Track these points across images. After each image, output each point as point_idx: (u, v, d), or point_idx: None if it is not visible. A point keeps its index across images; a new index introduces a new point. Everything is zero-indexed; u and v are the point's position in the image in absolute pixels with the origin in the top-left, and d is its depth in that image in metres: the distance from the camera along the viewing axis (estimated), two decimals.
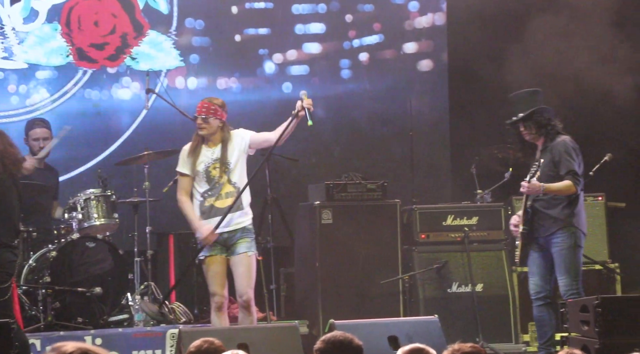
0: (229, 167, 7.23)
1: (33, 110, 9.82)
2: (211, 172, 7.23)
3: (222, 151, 7.23)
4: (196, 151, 7.30)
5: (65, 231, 8.46)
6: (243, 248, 7.15)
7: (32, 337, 7.51)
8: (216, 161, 7.23)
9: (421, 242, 8.82)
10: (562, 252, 7.34)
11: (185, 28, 10.20)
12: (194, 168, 7.26)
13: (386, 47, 10.54)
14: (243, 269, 7.14)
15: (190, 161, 7.28)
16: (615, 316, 6.31)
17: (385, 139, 10.40)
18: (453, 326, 8.19)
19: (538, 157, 7.47)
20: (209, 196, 7.22)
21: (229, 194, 7.22)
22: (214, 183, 7.22)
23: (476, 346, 3.90)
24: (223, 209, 7.16)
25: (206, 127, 7.29)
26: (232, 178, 7.23)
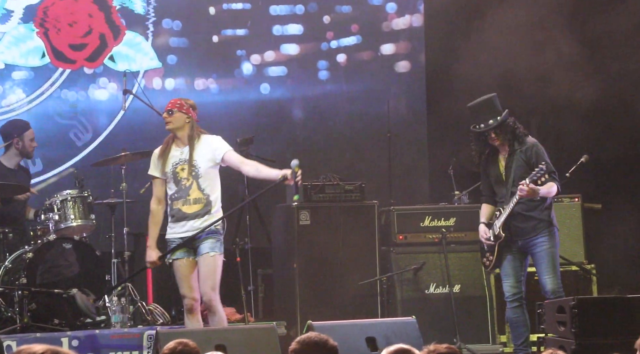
0: (197, 171, 7.06)
1: (9, 110, 9.77)
2: (178, 173, 7.09)
3: (190, 150, 7.09)
4: (165, 152, 7.16)
5: (41, 232, 8.42)
6: (206, 248, 7.01)
7: (8, 339, 7.47)
8: (183, 161, 7.08)
9: (399, 244, 8.84)
10: (548, 251, 7.37)
11: (162, 29, 10.17)
12: (164, 169, 7.14)
13: (364, 49, 10.55)
14: (204, 270, 7.01)
15: (160, 163, 7.16)
16: (592, 317, 6.35)
17: (363, 141, 10.41)
18: (431, 327, 8.20)
19: (506, 162, 7.45)
20: (176, 198, 7.08)
21: (198, 200, 7.05)
22: (180, 185, 7.07)
23: (452, 346, 3.92)
24: (190, 214, 7.04)
25: (171, 121, 7.15)
26: (201, 184, 7.07)
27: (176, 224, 7.09)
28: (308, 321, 6.42)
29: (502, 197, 7.50)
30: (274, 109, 10.35)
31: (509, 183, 7.42)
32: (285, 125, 10.38)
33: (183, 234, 7.04)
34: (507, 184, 7.43)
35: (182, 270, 7.08)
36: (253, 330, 6.76)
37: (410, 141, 10.46)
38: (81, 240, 8.33)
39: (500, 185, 7.50)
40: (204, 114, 10.04)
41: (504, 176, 7.48)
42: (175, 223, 7.09)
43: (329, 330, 5.97)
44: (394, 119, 9.96)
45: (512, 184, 7.39)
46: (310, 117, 10.42)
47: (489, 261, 7.56)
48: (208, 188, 7.07)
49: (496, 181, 7.52)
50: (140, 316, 8.39)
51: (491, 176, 7.57)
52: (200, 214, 7.04)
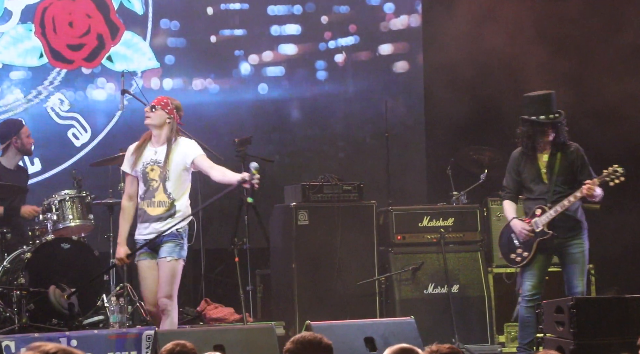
0: (166, 174, 6.96)
1: (7, 110, 9.77)
2: (148, 173, 6.99)
3: (166, 153, 6.96)
4: (140, 149, 7.05)
5: (40, 232, 8.42)
6: (164, 253, 6.92)
7: (6, 339, 7.46)
8: (154, 162, 6.98)
9: (397, 244, 8.84)
10: (583, 253, 7.39)
11: (160, 29, 10.17)
12: (134, 167, 7.03)
13: (362, 49, 10.55)
14: (161, 275, 6.91)
15: (133, 159, 7.05)
16: (590, 317, 6.36)
17: (361, 141, 10.41)
18: (429, 327, 8.20)
19: (548, 161, 7.41)
20: (142, 198, 6.99)
21: (162, 203, 6.96)
22: (149, 185, 6.97)
23: (454, 346, 3.92)
24: (153, 216, 6.95)
25: (151, 117, 7.02)
26: (168, 187, 6.97)
27: (141, 225, 7.02)
28: (306, 321, 6.43)
29: (541, 194, 7.42)
30: (272, 109, 10.35)
31: (551, 182, 7.38)
32: (283, 125, 10.38)
33: (146, 236, 6.97)
34: (550, 183, 7.38)
35: (143, 272, 7.01)
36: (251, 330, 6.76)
37: (408, 141, 10.47)
38: (79, 240, 8.33)
39: (539, 183, 7.43)
40: (202, 114, 10.09)
41: (544, 175, 7.42)
42: (141, 224, 7.02)
43: (327, 330, 5.98)
44: (391, 119, 9.95)
45: (555, 184, 7.36)
46: (308, 117, 10.43)
47: (521, 258, 7.42)
48: (175, 192, 6.96)
49: (533, 179, 7.45)
50: (138, 317, 8.39)
51: (526, 173, 7.47)
52: (163, 218, 6.94)
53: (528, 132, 7.42)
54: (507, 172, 7.62)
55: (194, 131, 8.90)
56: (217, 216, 9.85)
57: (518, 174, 7.53)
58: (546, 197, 7.42)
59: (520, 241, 7.43)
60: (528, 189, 7.51)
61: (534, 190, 7.48)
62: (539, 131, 7.40)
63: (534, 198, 7.48)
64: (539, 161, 7.46)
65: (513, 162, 7.57)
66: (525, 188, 7.53)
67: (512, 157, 7.59)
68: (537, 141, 7.41)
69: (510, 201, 7.57)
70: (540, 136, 7.40)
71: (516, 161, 7.54)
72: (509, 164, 7.61)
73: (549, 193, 7.41)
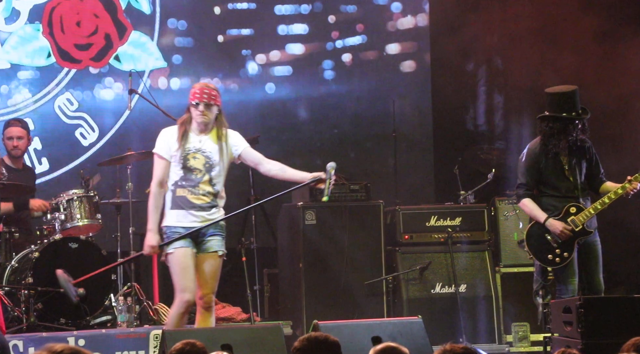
0: (212, 164, 6.68)
1: (15, 110, 9.78)
2: (189, 160, 6.66)
3: (215, 143, 6.69)
4: (183, 136, 6.69)
5: (47, 231, 8.43)
6: (215, 246, 6.66)
7: (14, 338, 7.49)
8: (199, 151, 6.68)
9: (404, 243, 8.84)
10: (601, 250, 7.33)
11: (168, 29, 10.18)
12: (173, 152, 6.69)
13: (369, 48, 10.55)
14: (210, 269, 6.64)
15: (172, 145, 6.70)
16: (598, 317, 6.34)
17: (369, 140, 10.41)
18: (437, 326, 8.20)
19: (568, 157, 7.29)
20: (181, 186, 6.66)
21: (207, 193, 6.65)
22: (190, 174, 6.65)
23: (467, 347, 3.92)
24: (197, 204, 6.66)
25: (208, 115, 6.69)
26: (213, 178, 6.68)
27: (179, 212, 6.65)
28: (314, 321, 6.42)
29: (569, 192, 7.29)
30: (279, 108, 10.35)
31: (576, 179, 7.29)
32: (290, 125, 10.38)
33: (188, 224, 6.64)
34: (575, 180, 7.29)
35: (186, 260, 6.59)
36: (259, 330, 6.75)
37: (415, 140, 10.46)
38: (87, 240, 8.34)
39: (563, 180, 7.30)
40: None
41: (567, 171, 7.32)
42: (178, 211, 6.66)
43: (334, 330, 5.98)
44: (399, 118, 9.96)
45: (580, 180, 7.30)
46: (316, 116, 10.43)
47: (561, 258, 7.22)
48: (219, 184, 6.73)
49: (557, 176, 7.31)
50: (146, 316, 8.40)
51: (549, 170, 7.31)
52: (206, 208, 6.68)
53: (554, 129, 7.25)
54: (526, 169, 7.34)
55: None
56: None
57: (539, 171, 7.31)
58: (575, 195, 7.28)
59: (559, 241, 7.22)
60: (552, 186, 7.31)
61: (560, 187, 7.30)
62: (565, 127, 7.23)
63: (562, 196, 7.30)
64: (561, 158, 7.31)
65: (533, 158, 7.32)
66: (548, 185, 7.32)
67: (532, 153, 7.35)
68: (563, 138, 7.25)
69: (531, 198, 7.32)
70: (565, 132, 7.24)
71: (537, 158, 7.31)
72: (528, 160, 7.35)
73: (578, 190, 7.30)
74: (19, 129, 8.77)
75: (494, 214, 9.01)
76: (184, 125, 6.75)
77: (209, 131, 6.75)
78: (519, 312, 8.77)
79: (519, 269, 8.88)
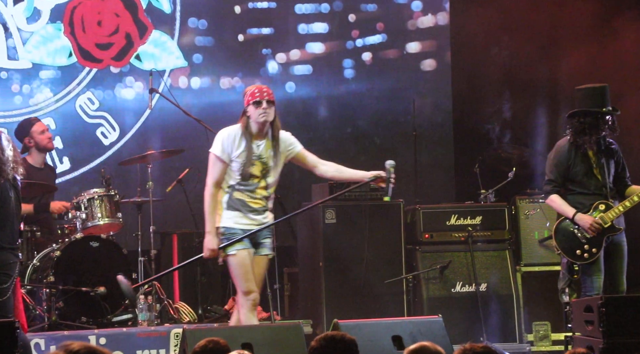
0: (269, 169, 6.68)
1: (36, 110, 9.83)
2: (248, 167, 6.63)
3: (271, 149, 6.67)
4: (246, 141, 6.64)
5: (69, 230, 8.47)
6: (267, 249, 6.76)
7: (36, 337, 7.52)
8: (258, 158, 6.65)
9: (425, 242, 8.82)
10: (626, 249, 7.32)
11: (188, 28, 10.20)
12: (232, 156, 6.64)
13: (389, 47, 10.54)
14: (260, 271, 6.73)
15: (233, 148, 6.63)
16: (620, 316, 6.31)
17: (389, 139, 10.39)
18: (457, 325, 8.18)
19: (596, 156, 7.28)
20: (237, 189, 6.65)
21: (263, 197, 6.70)
22: (248, 178, 6.64)
23: (488, 346, 3.91)
24: (255, 208, 6.65)
25: (270, 113, 6.64)
26: (268, 182, 6.70)
27: (236, 214, 6.65)
28: (334, 320, 6.42)
29: (597, 189, 7.28)
30: (300, 107, 10.36)
31: (604, 177, 7.27)
32: (310, 123, 10.38)
33: (245, 226, 6.64)
34: (603, 178, 7.27)
35: (249, 263, 6.64)
36: (279, 328, 6.75)
37: (435, 139, 10.45)
38: (108, 238, 8.37)
39: (591, 177, 7.29)
40: (229, 113, 10.08)
41: (596, 169, 7.29)
42: (236, 212, 6.65)
43: (354, 329, 5.97)
44: (419, 117, 9.94)
45: (608, 179, 7.27)
46: (336, 115, 10.42)
47: (590, 254, 7.21)
48: (272, 187, 6.76)
49: (585, 173, 7.29)
50: (166, 315, 8.42)
51: (577, 166, 7.29)
52: (262, 211, 6.71)
53: (584, 124, 7.24)
54: (554, 166, 7.34)
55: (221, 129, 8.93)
56: None
57: (568, 167, 7.30)
58: (604, 193, 7.27)
59: (588, 237, 7.22)
60: (580, 183, 7.30)
61: (588, 184, 7.29)
62: (596, 123, 7.22)
63: (590, 193, 7.29)
64: (589, 155, 7.29)
65: (562, 155, 7.32)
66: (576, 183, 7.31)
67: (561, 150, 7.35)
68: (593, 133, 7.22)
69: (558, 194, 7.32)
70: (596, 128, 7.22)
71: (566, 154, 7.31)
72: (557, 156, 7.34)
73: (606, 188, 7.28)
74: (42, 122, 8.85)
75: (514, 213, 8.98)
76: (244, 128, 6.69)
77: (265, 135, 6.71)
78: (539, 311, 8.75)
79: (540, 268, 8.85)
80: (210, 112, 9.89)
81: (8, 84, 9.83)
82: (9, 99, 9.82)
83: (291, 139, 6.83)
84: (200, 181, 9.14)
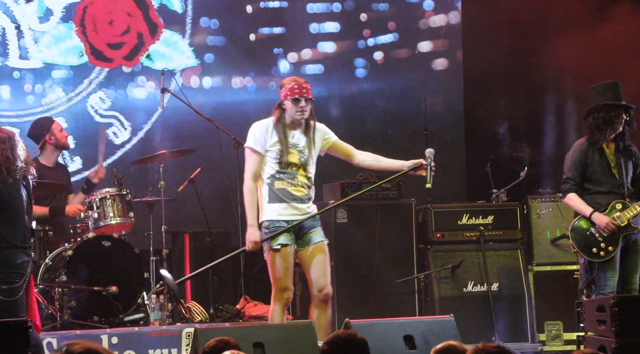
0: (306, 157, 6.67)
1: (48, 109, 9.85)
2: (285, 156, 6.62)
3: (308, 138, 6.68)
4: (280, 132, 6.65)
5: (81, 230, 8.49)
6: (319, 236, 6.64)
7: (48, 336, 7.54)
8: (294, 146, 6.65)
9: (436, 242, 8.81)
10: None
11: (200, 27, 10.22)
12: (267, 147, 6.64)
13: (401, 46, 10.54)
14: (321, 259, 6.60)
15: (268, 140, 6.65)
16: (632, 316, 6.29)
17: (400, 138, 10.39)
18: (468, 325, 8.17)
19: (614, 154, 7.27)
20: (278, 179, 6.62)
21: (304, 185, 6.66)
22: (286, 167, 6.63)
23: (501, 346, 3.90)
24: (298, 196, 6.62)
25: (307, 112, 6.67)
26: (308, 170, 6.69)
27: (279, 205, 6.61)
28: (345, 319, 6.41)
29: (614, 188, 7.28)
30: None
31: (621, 176, 7.27)
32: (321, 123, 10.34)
33: (289, 218, 6.61)
34: (621, 177, 7.26)
35: (290, 259, 6.56)
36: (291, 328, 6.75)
37: (447, 138, 10.43)
38: (120, 238, 8.38)
39: (609, 176, 7.29)
40: (241, 112, 10.12)
41: (614, 168, 7.29)
42: (278, 204, 6.61)
43: (366, 328, 5.97)
44: (431, 116, 9.93)
45: (626, 179, 7.27)
46: (347, 115, 10.42)
47: (606, 252, 7.21)
48: (312, 176, 6.73)
49: (603, 172, 7.30)
50: (178, 314, 8.43)
51: (595, 165, 7.29)
52: (306, 199, 6.68)
53: (599, 120, 7.24)
54: (572, 164, 7.35)
55: (233, 129, 8.95)
56: None
57: (585, 166, 7.31)
58: (621, 192, 7.27)
59: (604, 235, 7.22)
60: (598, 182, 7.31)
61: (605, 183, 7.30)
62: (610, 118, 7.23)
63: (607, 191, 7.29)
64: (606, 153, 7.30)
65: (580, 153, 7.34)
66: (593, 181, 7.32)
67: (579, 148, 7.37)
68: (609, 128, 7.22)
69: (576, 193, 7.34)
70: (611, 123, 7.22)
71: (584, 152, 7.32)
72: (575, 155, 7.36)
73: (623, 187, 7.28)
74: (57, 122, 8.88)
75: (526, 213, 8.96)
76: (277, 119, 6.70)
77: (299, 126, 6.72)
78: (551, 310, 8.73)
79: (552, 268, 8.84)
80: (221, 112, 9.90)
81: (20, 83, 9.86)
82: (22, 98, 9.85)
83: (326, 130, 6.85)
84: (211, 180, 9.19)
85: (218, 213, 9.51)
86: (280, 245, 6.58)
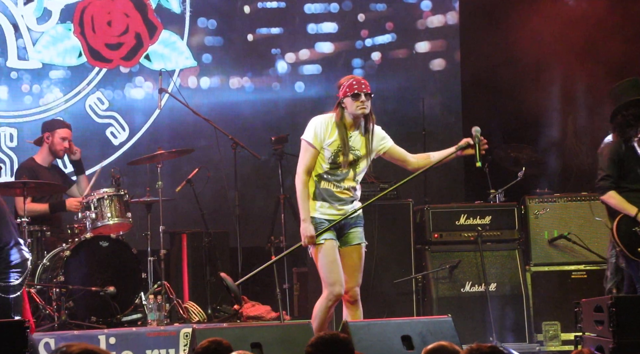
0: (358, 161, 6.61)
1: (46, 110, 9.85)
2: (339, 157, 6.55)
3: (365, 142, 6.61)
4: (340, 131, 6.56)
5: (78, 230, 8.48)
6: (358, 238, 6.62)
7: (46, 336, 7.54)
8: (350, 149, 6.58)
9: (434, 242, 8.81)
10: None
11: (198, 28, 10.22)
12: (324, 144, 6.56)
13: (399, 47, 10.54)
14: (356, 262, 6.59)
15: (326, 137, 6.55)
16: (630, 316, 6.29)
17: (398, 139, 10.31)
18: (466, 325, 8.17)
19: None
20: (324, 179, 6.57)
21: (350, 188, 6.60)
22: (337, 169, 6.57)
23: (495, 346, 3.89)
24: (341, 197, 6.56)
25: (368, 106, 6.60)
26: (357, 173, 6.64)
27: (324, 204, 6.57)
28: (343, 320, 6.42)
29: None
30: (309, 107, 10.35)
31: None
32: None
33: (331, 217, 6.56)
34: None
35: (335, 253, 6.53)
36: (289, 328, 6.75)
37: (445, 138, 10.41)
38: (118, 238, 8.38)
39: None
40: (239, 113, 10.14)
41: None
42: (322, 202, 6.58)
43: (364, 328, 5.98)
44: (428, 117, 9.94)
45: None
46: None
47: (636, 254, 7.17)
48: (360, 179, 6.67)
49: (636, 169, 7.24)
50: (176, 314, 8.43)
51: (629, 161, 7.23)
52: (349, 201, 6.62)
53: (627, 117, 7.17)
54: (610, 160, 7.25)
55: (230, 129, 8.95)
56: (254, 215, 9.88)
57: (621, 162, 7.24)
58: None
59: None
60: (634, 179, 7.24)
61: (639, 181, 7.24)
62: (638, 113, 7.16)
63: None
64: (637, 150, 7.23)
65: (614, 150, 7.26)
66: (629, 179, 7.25)
67: (612, 145, 7.29)
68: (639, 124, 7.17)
69: (616, 191, 7.24)
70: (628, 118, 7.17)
71: (617, 149, 7.25)
72: (610, 151, 7.27)
73: None
74: (70, 132, 8.82)
75: (524, 213, 8.97)
76: (339, 117, 6.61)
77: (358, 127, 6.65)
78: (549, 311, 8.73)
79: (550, 268, 8.84)
80: (219, 112, 9.91)
81: (18, 84, 9.85)
82: (19, 99, 9.85)
83: (383, 134, 6.78)
84: (209, 180, 9.19)
85: (216, 213, 9.51)
86: (324, 239, 6.55)
